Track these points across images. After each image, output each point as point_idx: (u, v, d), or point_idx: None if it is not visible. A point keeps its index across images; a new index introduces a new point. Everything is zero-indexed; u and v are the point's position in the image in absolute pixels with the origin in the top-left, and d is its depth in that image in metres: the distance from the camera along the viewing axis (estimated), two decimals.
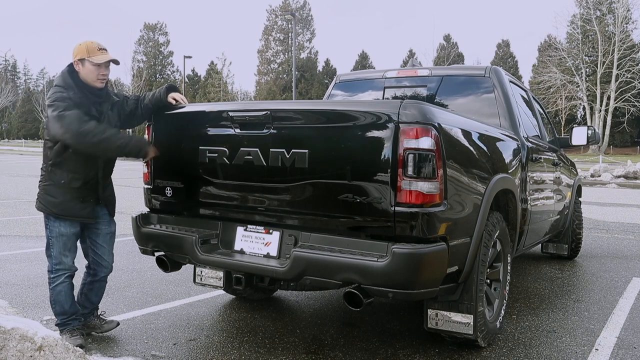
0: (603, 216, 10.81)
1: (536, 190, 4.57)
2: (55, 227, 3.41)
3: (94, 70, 3.38)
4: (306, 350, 3.48)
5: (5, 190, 13.71)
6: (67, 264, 3.46)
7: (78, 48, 3.41)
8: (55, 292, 3.46)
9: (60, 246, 3.42)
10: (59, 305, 3.47)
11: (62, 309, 3.47)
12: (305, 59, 65.57)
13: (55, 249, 3.43)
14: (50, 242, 3.45)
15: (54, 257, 3.44)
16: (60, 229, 3.41)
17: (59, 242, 3.42)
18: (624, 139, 52.63)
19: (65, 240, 3.43)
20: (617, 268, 6.08)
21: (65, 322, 3.48)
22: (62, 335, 3.41)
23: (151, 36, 73.94)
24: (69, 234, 3.44)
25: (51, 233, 3.43)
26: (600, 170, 22.60)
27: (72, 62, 3.42)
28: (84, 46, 3.40)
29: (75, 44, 3.44)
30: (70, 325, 3.48)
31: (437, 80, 4.68)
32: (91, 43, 3.41)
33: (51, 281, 3.47)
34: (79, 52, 3.39)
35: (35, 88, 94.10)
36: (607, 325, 4.06)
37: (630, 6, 47.70)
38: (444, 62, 53.43)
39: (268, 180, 3.14)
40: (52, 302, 3.48)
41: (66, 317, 3.48)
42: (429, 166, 2.74)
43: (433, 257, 2.79)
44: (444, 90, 4.64)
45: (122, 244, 3.74)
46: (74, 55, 3.41)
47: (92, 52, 3.37)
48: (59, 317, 3.49)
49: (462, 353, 3.45)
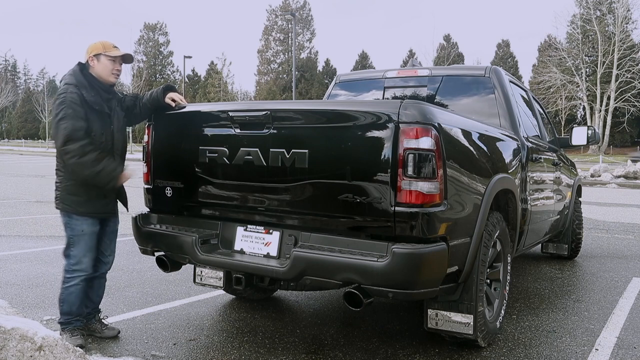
0: (603, 216, 10.81)
1: (536, 190, 4.57)
2: (77, 225, 3.41)
3: (110, 65, 3.48)
4: (306, 350, 3.48)
5: (5, 190, 13.71)
6: (86, 265, 3.46)
7: (93, 45, 3.50)
8: (67, 292, 3.46)
9: (83, 245, 3.43)
10: (67, 304, 3.47)
11: (69, 309, 3.48)
12: (305, 59, 65.55)
13: (77, 248, 3.42)
14: (71, 241, 3.44)
15: (72, 256, 3.43)
16: (83, 227, 3.42)
17: (80, 241, 3.42)
18: (624, 139, 52.60)
19: (87, 239, 3.44)
20: (617, 268, 6.08)
21: (68, 321, 3.49)
22: (63, 334, 3.43)
23: (151, 36, 73.91)
24: (91, 232, 3.45)
25: (73, 232, 3.42)
26: (600, 170, 22.59)
27: (86, 60, 3.49)
28: (99, 43, 3.51)
29: (89, 45, 3.53)
30: (72, 325, 3.49)
31: (437, 80, 4.68)
32: (105, 41, 3.55)
33: (66, 281, 3.46)
34: (95, 48, 3.48)
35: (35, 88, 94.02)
36: (607, 325, 4.06)
37: (630, 6, 47.68)
38: (444, 62, 53.39)
39: (268, 180, 3.14)
40: (61, 300, 3.48)
41: (70, 317, 3.49)
42: (429, 166, 2.74)
43: (433, 257, 2.79)
44: (444, 90, 4.64)
45: (122, 244, 3.74)
46: (89, 52, 3.48)
47: (107, 48, 3.49)
48: (63, 315, 3.50)
49: (462, 353, 3.45)
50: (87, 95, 3.35)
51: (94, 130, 3.36)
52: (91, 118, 3.35)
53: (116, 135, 3.52)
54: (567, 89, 48.55)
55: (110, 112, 3.49)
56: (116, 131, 3.52)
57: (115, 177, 3.38)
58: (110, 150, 3.46)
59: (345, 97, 5.12)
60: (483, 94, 4.44)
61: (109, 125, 3.47)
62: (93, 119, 3.36)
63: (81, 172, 3.31)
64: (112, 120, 3.50)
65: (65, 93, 3.32)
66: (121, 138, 3.59)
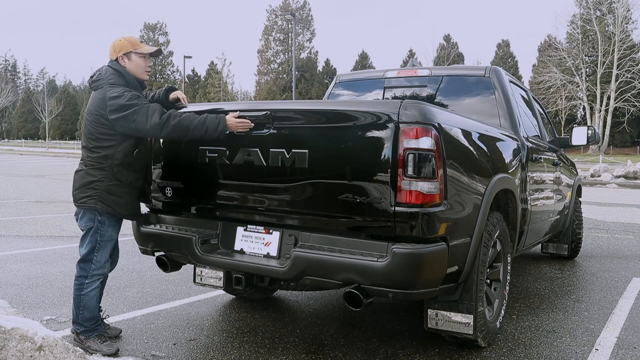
0: (603, 216, 10.81)
1: (536, 190, 4.57)
2: (108, 231, 3.32)
3: (142, 62, 3.35)
4: (306, 350, 3.48)
5: (5, 190, 13.71)
6: (106, 269, 3.41)
7: (119, 43, 3.33)
8: (88, 297, 3.32)
9: (107, 251, 3.36)
10: (88, 310, 3.33)
11: (91, 315, 3.35)
12: (305, 59, 65.56)
13: (101, 253, 3.33)
14: (97, 246, 3.31)
15: (95, 262, 3.32)
16: (112, 233, 3.35)
17: (106, 247, 3.34)
18: (624, 139, 52.63)
19: (112, 245, 3.39)
20: (617, 268, 6.08)
21: (94, 327, 3.36)
22: (88, 342, 3.29)
23: (151, 36, 73.92)
24: (115, 238, 3.40)
25: (102, 237, 3.31)
26: (600, 170, 22.59)
27: (115, 60, 3.33)
28: (125, 41, 3.33)
29: (113, 41, 3.36)
30: (98, 331, 3.37)
31: (437, 80, 4.68)
32: (131, 37, 3.38)
33: (85, 287, 3.32)
34: (123, 46, 3.31)
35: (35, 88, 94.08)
36: (607, 325, 4.06)
37: (630, 6, 47.72)
38: (444, 62, 53.41)
39: (268, 180, 3.14)
40: (82, 307, 3.32)
41: (94, 322, 3.36)
42: (429, 166, 2.74)
43: (433, 257, 2.79)
44: (444, 90, 4.64)
45: (122, 244, 3.73)
46: (117, 51, 3.31)
47: (136, 45, 3.33)
48: (87, 322, 3.33)
49: (462, 353, 3.45)
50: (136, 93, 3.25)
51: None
52: None
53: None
54: (567, 89, 48.58)
55: None
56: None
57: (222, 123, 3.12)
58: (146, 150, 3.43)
59: (346, 97, 5.12)
60: (483, 94, 4.44)
61: None
62: None
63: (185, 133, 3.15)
64: None
65: (124, 92, 3.17)
66: None
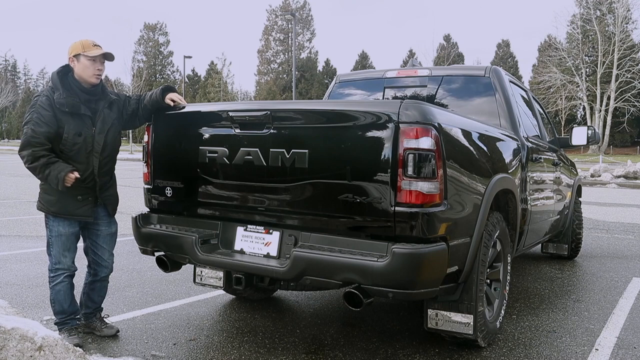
0: (603, 216, 10.81)
1: (536, 190, 4.57)
2: (54, 226, 3.45)
3: (90, 65, 3.39)
4: (306, 350, 3.48)
5: (5, 190, 13.70)
6: (66, 264, 3.48)
7: (73, 45, 3.44)
8: (55, 291, 3.49)
9: (60, 246, 3.45)
10: (58, 304, 3.51)
11: (61, 308, 3.51)
12: (305, 59, 65.56)
13: (55, 248, 3.46)
14: (50, 241, 3.49)
15: (53, 256, 3.48)
16: (59, 228, 3.44)
17: (58, 242, 3.46)
18: (624, 139, 52.64)
19: (64, 240, 3.45)
20: (617, 268, 6.07)
21: (64, 321, 3.52)
22: (60, 334, 3.44)
23: (151, 36, 74.00)
24: (68, 233, 3.46)
25: (51, 232, 3.47)
26: (600, 170, 22.60)
27: (68, 61, 3.44)
28: (78, 43, 3.43)
29: (70, 44, 3.46)
30: (69, 325, 3.52)
31: (437, 80, 4.68)
32: (85, 40, 3.44)
33: (51, 280, 3.50)
34: (74, 49, 3.41)
35: (35, 88, 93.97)
36: (607, 325, 4.06)
37: (630, 6, 47.76)
38: (444, 62, 53.43)
39: (268, 180, 3.14)
40: (52, 301, 3.52)
41: (65, 316, 3.52)
42: (429, 166, 2.74)
43: (433, 257, 2.79)
44: (444, 90, 4.64)
45: (122, 244, 3.74)
46: (69, 53, 3.43)
47: (87, 48, 3.40)
48: (57, 316, 3.52)
49: (462, 353, 3.45)
50: (58, 98, 3.31)
51: (67, 132, 3.31)
52: (63, 120, 3.31)
53: (97, 137, 3.41)
54: (567, 89, 48.60)
55: (92, 115, 3.41)
56: (98, 133, 3.42)
57: (61, 179, 3.25)
58: (90, 152, 3.40)
59: (346, 97, 5.12)
60: (483, 94, 4.44)
61: (89, 127, 3.39)
62: (66, 120, 3.31)
63: (35, 176, 3.34)
64: (94, 122, 3.41)
65: (38, 96, 3.36)
66: (108, 139, 3.48)
